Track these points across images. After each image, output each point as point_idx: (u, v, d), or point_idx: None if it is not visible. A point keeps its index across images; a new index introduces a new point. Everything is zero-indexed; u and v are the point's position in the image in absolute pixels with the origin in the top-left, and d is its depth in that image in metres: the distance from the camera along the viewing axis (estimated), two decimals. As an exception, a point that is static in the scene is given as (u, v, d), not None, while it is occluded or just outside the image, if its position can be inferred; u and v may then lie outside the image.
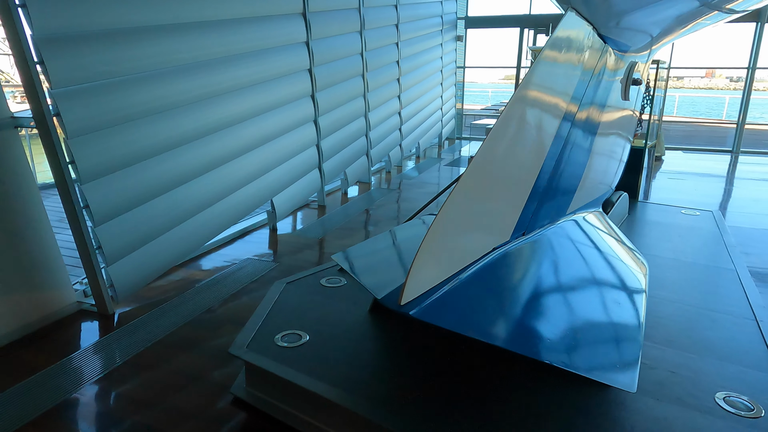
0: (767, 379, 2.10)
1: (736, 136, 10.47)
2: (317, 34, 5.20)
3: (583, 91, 2.43)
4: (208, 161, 3.84)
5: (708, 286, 3.07)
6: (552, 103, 2.16)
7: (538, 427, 1.76)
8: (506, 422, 1.78)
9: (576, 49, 2.25)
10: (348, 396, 1.96)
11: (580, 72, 2.36)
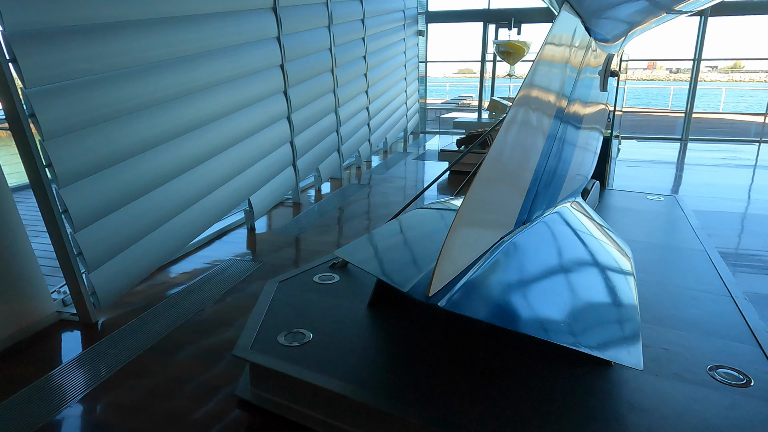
0: (751, 351, 2.25)
1: (685, 125, 11.03)
2: (288, 29, 5.13)
3: (571, 86, 2.51)
4: (187, 160, 3.73)
5: (683, 267, 3.24)
6: (549, 101, 2.24)
7: (556, 408, 1.82)
8: (523, 404, 1.83)
9: (568, 45, 2.33)
10: (362, 390, 1.97)
11: (569, 68, 2.44)
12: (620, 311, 2.10)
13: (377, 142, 8.93)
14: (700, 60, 10.53)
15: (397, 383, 2.00)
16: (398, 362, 2.15)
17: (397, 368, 2.10)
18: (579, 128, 2.82)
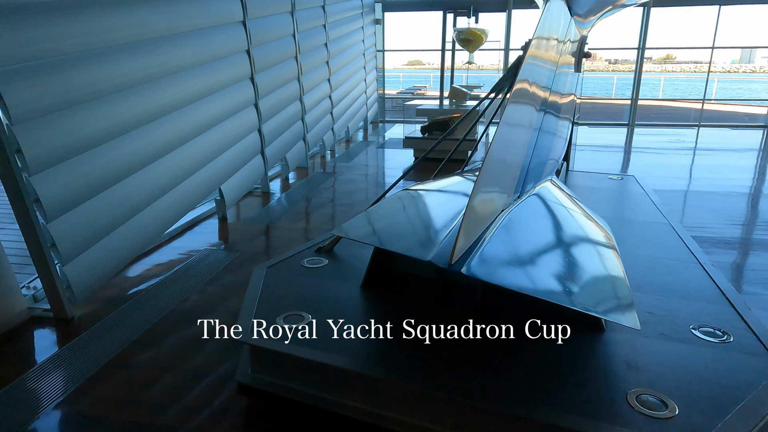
0: (726, 311, 2.42)
1: (631, 111, 11.58)
2: (253, 13, 5.00)
3: (554, 71, 2.62)
4: (158, 148, 3.59)
5: (652, 239, 3.43)
6: (538, 87, 2.33)
7: (559, 371, 1.90)
8: (527, 369, 1.91)
9: (555, 30, 2.42)
10: (372, 365, 1.98)
11: (554, 52, 2.54)
12: (613, 278, 2.21)
13: (340, 131, 8.88)
14: (644, 49, 11.05)
15: (403, 356, 2.03)
16: (401, 337, 2.18)
17: (401, 343, 2.13)
18: (559, 112, 2.94)
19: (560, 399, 1.78)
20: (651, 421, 1.66)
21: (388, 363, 2.00)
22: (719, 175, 6.72)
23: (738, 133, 10.66)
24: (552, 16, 2.50)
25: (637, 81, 11.39)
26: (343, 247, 3.23)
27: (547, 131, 2.77)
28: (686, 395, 1.80)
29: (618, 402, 1.75)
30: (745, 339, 2.18)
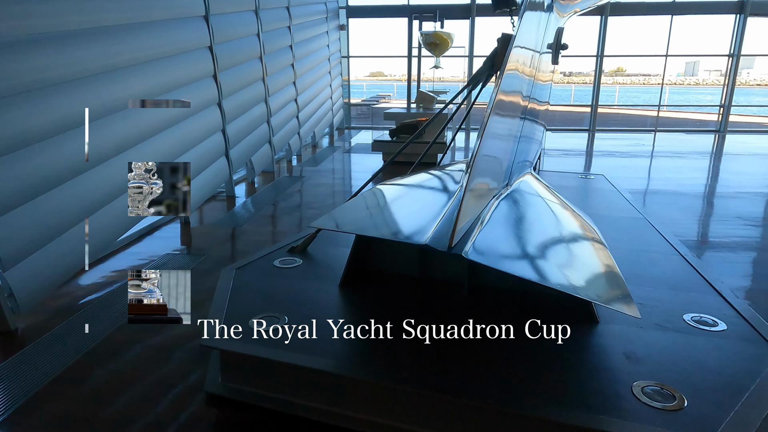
0: (715, 300, 2.37)
1: (592, 118, 11.86)
2: (216, 9, 4.78)
3: (537, 60, 2.56)
4: (114, 144, 3.33)
5: (631, 233, 3.40)
6: (522, 81, 2.27)
7: (557, 365, 1.80)
8: (524, 364, 1.80)
9: (538, 17, 2.36)
10: (354, 366, 1.83)
11: (535, 41, 2.48)
12: (608, 267, 2.12)
13: (306, 136, 8.69)
14: (602, 57, 11.35)
15: (391, 357, 1.88)
16: (386, 338, 2.02)
17: (387, 343, 1.98)
18: (539, 111, 2.90)
19: (563, 395, 1.66)
20: (661, 413, 1.56)
21: (375, 365, 1.85)
22: (681, 175, 6.90)
23: (692, 136, 11.07)
24: (534, 3, 2.43)
25: (597, 87, 11.69)
26: (318, 246, 3.05)
27: (532, 120, 2.70)
28: (692, 386, 1.71)
29: (624, 395, 1.64)
30: (739, 326, 2.13)
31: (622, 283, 2.07)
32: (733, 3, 10.69)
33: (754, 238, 4.44)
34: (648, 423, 1.51)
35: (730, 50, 10.99)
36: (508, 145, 2.33)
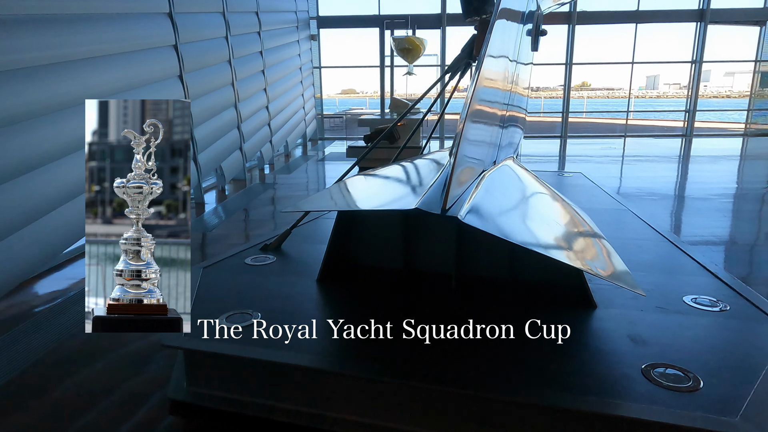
0: (711, 281, 2.28)
1: (563, 125, 12.01)
2: (181, 7, 4.59)
3: (518, 45, 2.47)
4: (68, 142, 3.08)
5: (617, 223, 3.32)
6: (504, 63, 2.18)
7: (563, 350, 1.65)
8: (530, 350, 1.64)
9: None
10: (332, 359, 1.65)
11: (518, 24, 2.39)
12: (605, 245, 2.00)
13: (279, 145, 8.49)
14: (571, 65, 11.54)
15: (368, 350, 1.70)
16: (365, 330, 1.84)
17: (365, 336, 1.80)
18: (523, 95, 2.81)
19: (571, 381, 1.50)
20: (677, 395, 1.42)
21: (361, 359, 1.66)
22: (656, 174, 6.95)
23: (660, 141, 11.28)
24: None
25: (567, 93, 11.86)
26: (293, 243, 2.85)
27: (515, 105, 2.60)
28: (704, 365, 1.58)
29: (635, 377, 1.50)
30: (741, 306, 2.02)
31: (621, 261, 1.95)
32: (693, 11, 11.04)
33: (731, 229, 4.44)
34: (666, 405, 1.36)
35: (693, 57, 11.31)
36: (494, 127, 2.20)
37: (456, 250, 2.19)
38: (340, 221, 2.29)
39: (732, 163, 8.44)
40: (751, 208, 5.19)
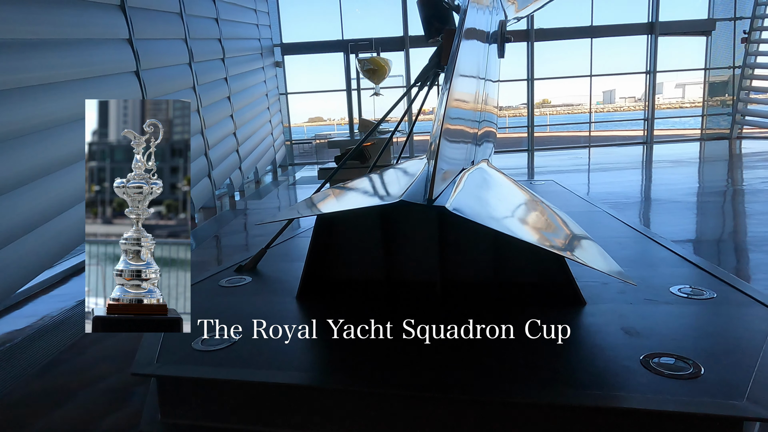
0: (694, 272, 2.28)
1: (529, 138, 12.25)
2: (141, 33, 4.50)
3: (486, 58, 2.49)
4: (25, 171, 2.92)
5: (594, 223, 3.33)
6: (473, 81, 2.20)
7: (560, 349, 1.59)
8: (526, 351, 1.58)
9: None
10: (321, 376, 1.56)
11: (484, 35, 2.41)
12: (589, 241, 1.97)
13: (248, 172, 8.36)
14: (533, 80, 11.84)
15: (357, 361, 1.62)
16: (351, 344, 1.76)
17: (353, 350, 1.72)
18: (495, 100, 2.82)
19: (571, 378, 1.44)
20: (680, 383, 1.37)
21: (340, 373, 1.58)
22: (624, 179, 7.11)
23: (623, 149, 11.61)
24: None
25: (531, 107, 12.14)
26: (269, 262, 2.75)
27: (489, 93, 2.60)
28: (702, 352, 1.54)
29: (635, 369, 1.45)
30: (727, 293, 2.02)
31: (606, 254, 1.93)
32: (643, 24, 11.54)
33: (701, 225, 4.54)
34: (671, 394, 1.31)
35: (647, 68, 11.78)
36: (470, 128, 2.18)
37: (439, 255, 2.13)
38: (319, 229, 2.20)
39: (693, 166, 8.72)
40: (716, 205, 5.32)
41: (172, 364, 1.66)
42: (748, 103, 11.81)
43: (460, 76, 1.89)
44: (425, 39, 4.95)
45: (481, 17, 2.51)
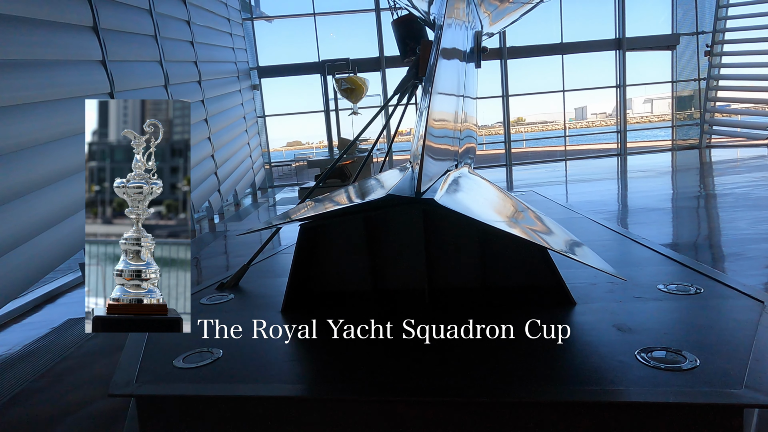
0: (680, 269, 2.29)
1: (507, 154, 12.43)
2: (115, 55, 4.45)
3: (464, 74, 2.52)
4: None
5: (577, 228, 3.34)
6: (453, 99, 2.21)
7: (556, 348, 1.57)
8: (521, 352, 1.55)
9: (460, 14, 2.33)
10: (310, 387, 1.49)
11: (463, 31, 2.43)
12: (574, 240, 1.97)
13: (227, 194, 8.26)
14: (508, 96, 12.07)
15: (346, 374, 1.57)
16: (339, 353, 1.71)
17: (341, 358, 1.67)
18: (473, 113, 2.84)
19: (568, 376, 1.41)
20: (678, 374, 1.35)
21: (327, 383, 1.53)
22: (602, 189, 7.22)
23: (598, 162, 11.85)
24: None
25: (507, 124, 12.34)
26: (251, 279, 2.68)
27: (468, 108, 2.61)
28: (696, 344, 1.53)
29: (632, 364, 1.43)
30: (713, 287, 2.02)
31: (593, 253, 1.92)
32: (611, 40, 11.91)
33: (679, 228, 4.61)
34: (670, 386, 1.29)
35: (617, 82, 12.12)
36: (452, 137, 2.18)
37: (426, 259, 2.09)
38: (302, 239, 2.15)
39: (666, 175, 8.92)
40: (691, 210, 5.43)
41: (151, 383, 1.58)
42: (715, 113, 12.21)
43: (439, 91, 1.90)
44: (401, 58, 5.02)
45: (457, 28, 2.53)
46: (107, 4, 4.47)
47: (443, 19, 2.13)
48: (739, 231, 4.22)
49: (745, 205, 5.12)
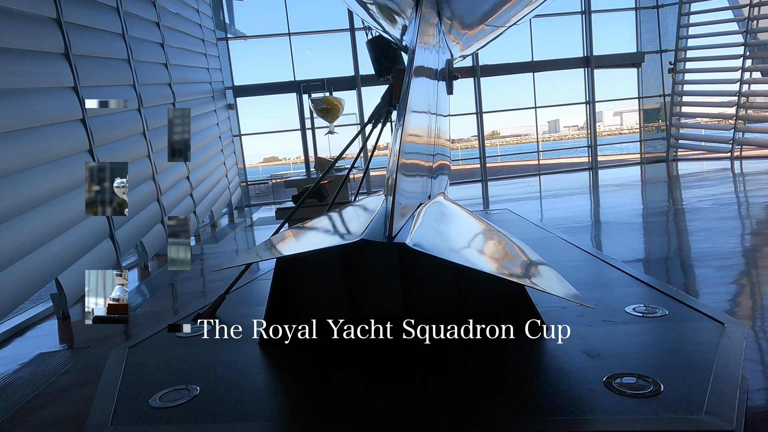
0: (645, 291, 2.39)
1: (482, 170, 12.61)
2: (87, 80, 4.41)
3: (436, 95, 2.60)
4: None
5: (550, 248, 3.43)
6: (425, 117, 2.28)
7: (531, 374, 1.61)
8: (499, 379, 1.59)
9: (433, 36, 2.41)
10: (296, 425, 1.50)
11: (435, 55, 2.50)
12: (544, 266, 2.03)
13: (203, 215, 8.17)
14: (482, 113, 12.28)
15: (325, 407, 1.58)
16: (318, 387, 1.73)
17: (317, 395, 1.68)
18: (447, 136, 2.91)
19: (540, 403, 1.46)
20: (642, 401, 1.41)
21: (308, 419, 1.53)
22: (574, 204, 7.38)
23: (570, 175, 12.12)
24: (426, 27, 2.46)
25: (482, 140, 12.54)
26: (229, 308, 2.68)
27: (441, 125, 2.69)
28: (660, 369, 1.60)
29: (599, 391, 1.48)
30: (678, 309, 2.11)
31: (563, 279, 1.99)
32: (579, 58, 12.27)
33: (649, 244, 4.75)
34: (635, 413, 1.35)
35: (586, 98, 12.47)
36: (425, 162, 2.25)
37: (402, 291, 2.13)
38: (279, 271, 2.17)
39: (636, 188, 9.17)
40: (661, 224, 5.60)
41: (127, 425, 1.57)
42: (680, 127, 12.65)
43: (413, 112, 1.95)
44: (376, 77, 5.11)
45: (429, 56, 2.61)
46: (79, 30, 4.44)
47: (415, 44, 2.20)
48: (706, 245, 4.37)
49: (714, 217, 5.31)
